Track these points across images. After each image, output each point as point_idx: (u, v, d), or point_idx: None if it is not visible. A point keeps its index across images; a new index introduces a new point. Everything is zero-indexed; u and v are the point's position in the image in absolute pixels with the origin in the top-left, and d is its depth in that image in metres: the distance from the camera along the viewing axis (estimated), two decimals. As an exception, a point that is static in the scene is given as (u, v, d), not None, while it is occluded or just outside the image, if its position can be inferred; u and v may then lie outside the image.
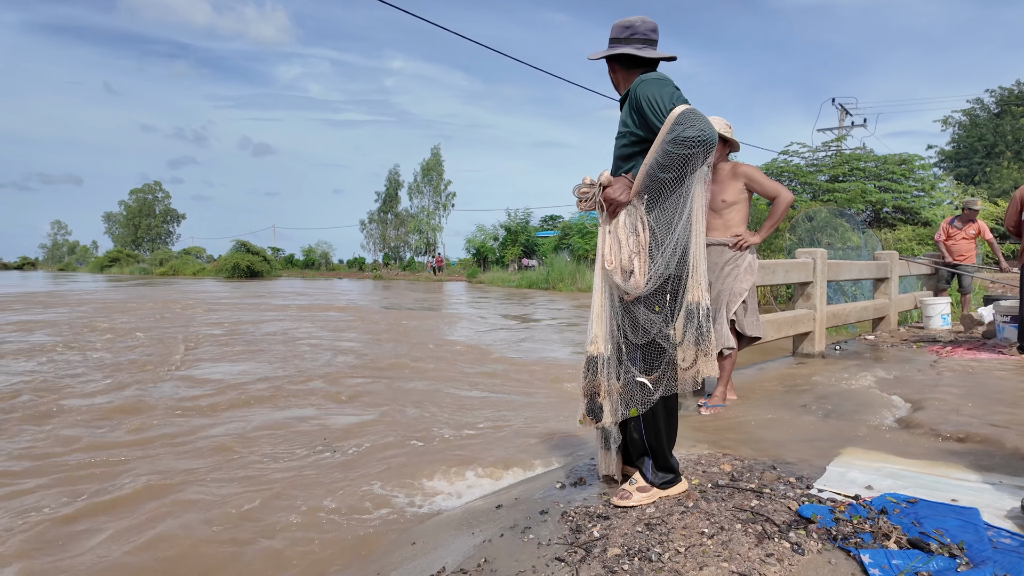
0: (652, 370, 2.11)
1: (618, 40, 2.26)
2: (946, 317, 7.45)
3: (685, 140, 1.92)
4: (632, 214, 2.08)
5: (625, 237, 2.07)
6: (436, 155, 49.06)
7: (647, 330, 2.09)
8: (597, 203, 2.11)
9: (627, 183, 2.09)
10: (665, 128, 1.96)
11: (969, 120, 26.89)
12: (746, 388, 4.19)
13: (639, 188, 2.06)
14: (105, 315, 12.60)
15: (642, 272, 2.05)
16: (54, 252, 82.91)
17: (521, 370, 6.49)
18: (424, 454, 3.71)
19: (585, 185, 2.14)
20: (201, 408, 4.90)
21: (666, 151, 1.96)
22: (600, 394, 2.12)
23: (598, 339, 2.12)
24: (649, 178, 2.02)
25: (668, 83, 2.09)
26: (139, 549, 2.55)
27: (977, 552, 1.69)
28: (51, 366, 6.67)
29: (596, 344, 2.12)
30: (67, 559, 2.51)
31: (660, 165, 1.98)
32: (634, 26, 2.24)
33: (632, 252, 2.06)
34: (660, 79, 2.10)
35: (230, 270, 40.60)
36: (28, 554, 2.52)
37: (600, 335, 2.12)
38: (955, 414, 3.35)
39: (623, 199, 2.07)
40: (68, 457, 3.74)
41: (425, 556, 2.11)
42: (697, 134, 1.91)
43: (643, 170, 2.03)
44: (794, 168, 17.40)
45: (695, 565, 1.70)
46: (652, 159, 2.00)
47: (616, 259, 2.08)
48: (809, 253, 5.47)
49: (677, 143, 1.93)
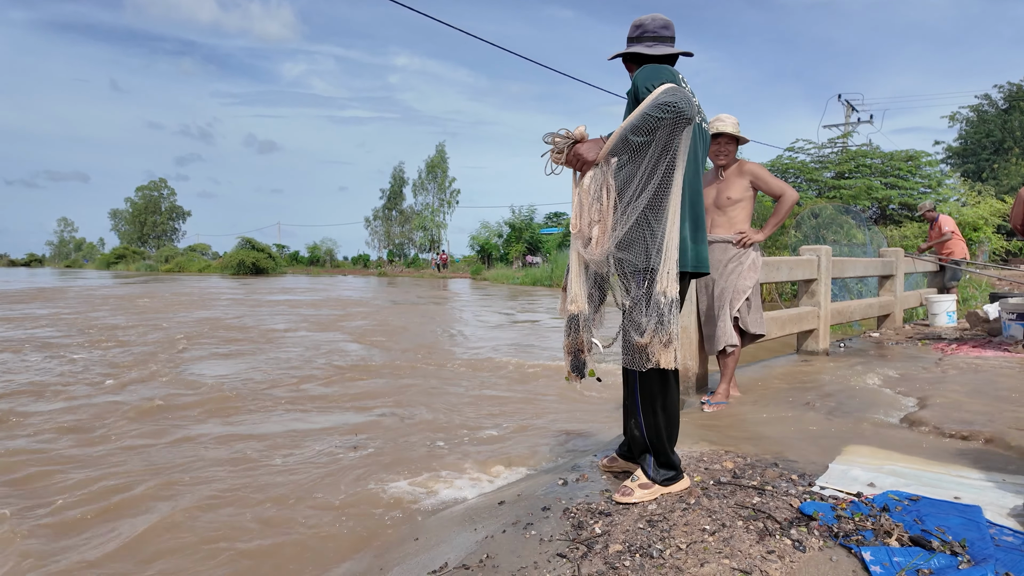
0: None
1: (630, 39, 2.34)
2: (952, 314, 7.42)
3: (660, 104, 1.95)
4: (598, 179, 2.06)
5: (589, 202, 2.06)
6: (441, 152, 49.13)
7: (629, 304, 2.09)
8: (564, 157, 2.10)
9: (600, 143, 2.08)
10: (648, 98, 1.99)
11: (977, 116, 26.71)
12: (749, 385, 4.19)
13: (610, 149, 2.04)
14: (141, 315, 12.66)
15: (599, 241, 2.05)
16: (61, 249, 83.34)
17: (523, 369, 6.50)
18: (427, 452, 3.73)
19: (559, 135, 2.12)
20: (209, 409, 4.93)
21: (640, 113, 1.98)
22: (583, 351, 2.14)
23: (578, 298, 2.13)
24: (620, 139, 2.02)
25: (665, 72, 2.10)
26: (132, 545, 2.58)
27: (979, 550, 1.69)
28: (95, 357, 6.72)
29: (576, 303, 2.13)
30: (98, 547, 2.54)
31: (633, 127, 1.99)
32: (644, 24, 2.31)
33: (592, 220, 2.05)
34: (657, 68, 2.12)
35: (235, 267, 40.74)
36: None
37: (580, 295, 2.13)
38: (959, 412, 3.34)
39: (590, 158, 2.07)
40: (118, 445, 3.77)
41: (428, 552, 2.13)
42: (671, 99, 1.94)
43: (617, 131, 2.04)
44: (800, 165, 17.33)
45: (696, 562, 1.71)
46: (628, 122, 2.01)
47: (579, 223, 2.07)
48: (813, 250, 5.45)
49: (651, 106, 1.96)
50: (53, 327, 9.93)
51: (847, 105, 24.95)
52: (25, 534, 2.67)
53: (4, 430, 4.20)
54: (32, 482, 3.29)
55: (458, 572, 1.83)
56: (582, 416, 4.53)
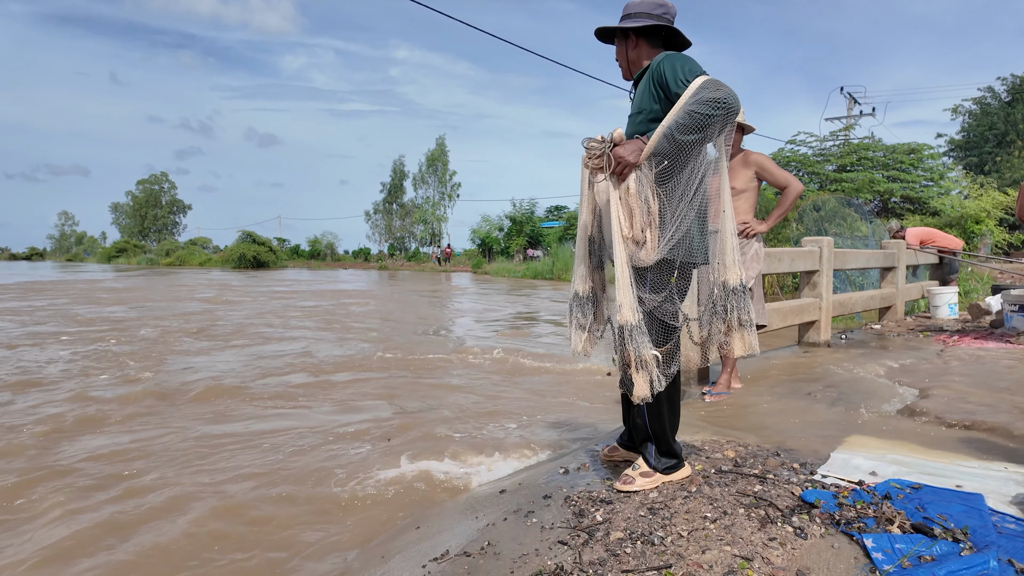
0: (662, 343, 2.08)
1: (651, 16, 2.20)
2: (954, 307, 7.40)
3: (709, 100, 1.89)
4: (642, 181, 2.02)
5: (640, 206, 2.02)
6: (441, 146, 48.89)
7: (654, 302, 2.07)
8: (605, 161, 2.04)
9: (640, 144, 2.02)
10: (688, 92, 1.92)
11: (980, 109, 26.55)
12: (751, 376, 4.18)
13: (652, 150, 1.99)
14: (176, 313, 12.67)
15: (654, 244, 2.02)
16: (62, 243, 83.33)
17: (522, 362, 6.49)
18: (427, 444, 3.73)
19: (596, 140, 2.07)
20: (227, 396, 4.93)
21: (688, 111, 1.91)
22: (631, 365, 2.02)
23: (623, 307, 2.02)
24: (666, 139, 1.95)
25: (693, 60, 2.08)
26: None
27: (981, 537, 1.69)
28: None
29: (625, 313, 2.02)
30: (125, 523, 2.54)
31: (680, 126, 1.92)
32: (666, 5, 2.21)
33: (644, 224, 2.03)
34: (686, 57, 2.08)
35: (236, 260, 40.72)
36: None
37: (628, 304, 2.02)
38: (961, 402, 3.34)
39: (632, 160, 2.00)
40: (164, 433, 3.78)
41: (429, 540, 2.13)
42: (722, 96, 1.89)
43: (660, 131, 1.96)
44: (801, 157, 17.25)
45: (698, 549, 1.71)
46: (671, 120, 1.94)
47: (630, 229, 2.04)
48: (816, 241, 5.43)
49: (701, 103, 1.89)
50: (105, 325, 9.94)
51: (849, 98, 24.80)
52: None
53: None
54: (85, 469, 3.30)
55: (459, 559, 1.83)
56: (583, 409, 4.53)
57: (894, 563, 1.58)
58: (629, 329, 2.00)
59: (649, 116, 2.11)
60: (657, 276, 2.08)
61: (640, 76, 2.23)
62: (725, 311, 2.14)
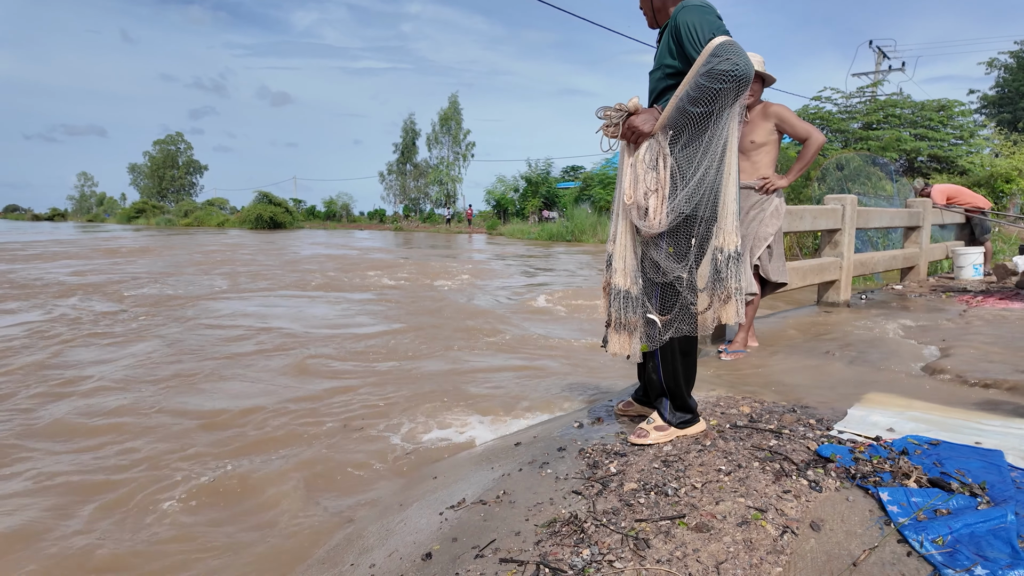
0: (666, 310, 2.09)
1: None
2: (978, 267, 7.25)
3: (719, 73, 1.84)
4: (654, 148, 2.01)
5: (643, 173, 2.01)
6: (454, 104, 48.07)
7: (664, 270, 2.05)
8: (620, 131, 2.04)
9: (655, 114, 2.02)
10: (701, 59, 1.88)
11: (1016, 63, 25.47)
12: (768, 335, 4.15)
13: (666, 121, 1.98)
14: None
15: (657, 211, 2.00)
16: (82, 204, 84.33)
17: (537, 321, 6.50)
18: (444, 399, 3.78)
19: (613, 109, 2.06)
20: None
21: (698, 84, 1.88)
22: (610, 324, 2.14)
23: (623, 272, 2.09)
24: (678, 111, 1.95)
25: (711, 11, 1.99)
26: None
27: (999, 492, 1.67)
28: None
29: (621, 276, 2.10)
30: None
31: (691, 98, 1.91)
32: None
33: (649, 189, 2.00)
34: (704, 6, 1.99)
35: (253, 221, 40.96)
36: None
37: (619, 268, 2.10)
38: (983, 361, 3.29)
39: (646, 130, 2.00)
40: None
41: (446, 488, 2.17)
42: (732, 68, 1.83)
43: (672, 102, 1.95)
44: (826, 114, 16.76)
45: (711, 500, 1.72)
46: (683, 91, 1.92)
47: (633, 194, 2.03)
48: (839, 199, 5.30)
49: (711, 76, 1.85)
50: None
51: (878, 52, 23.89)
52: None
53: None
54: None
55: (476, 507, 1.87)
56: (597, 367, 4.55)
57: (909, 516, 1.58)
58: (623, 293, 2.09)
59: (667, 72, 2.06)
60: (668, 242, 2.06)
61: (665, 27, 2.14)
62: (725, 278, 2.10)
